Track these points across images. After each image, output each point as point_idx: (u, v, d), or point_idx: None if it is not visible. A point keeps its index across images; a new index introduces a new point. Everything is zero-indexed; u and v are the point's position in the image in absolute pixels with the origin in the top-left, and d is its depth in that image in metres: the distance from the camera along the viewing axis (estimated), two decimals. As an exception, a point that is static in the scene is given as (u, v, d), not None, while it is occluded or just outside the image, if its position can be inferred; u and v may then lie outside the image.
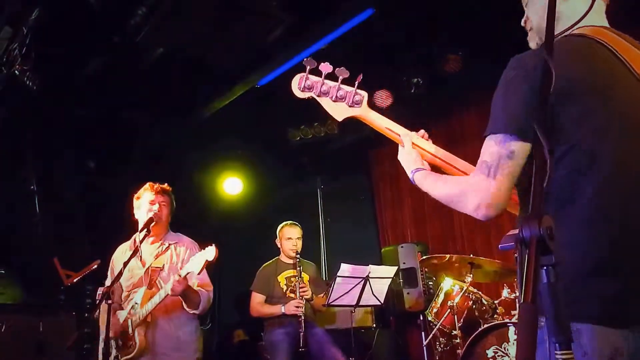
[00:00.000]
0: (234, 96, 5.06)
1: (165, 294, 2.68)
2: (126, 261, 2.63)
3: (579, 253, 1.12)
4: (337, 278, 3.80)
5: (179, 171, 5.75)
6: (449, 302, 3.61)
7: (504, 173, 1.19)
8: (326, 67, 1.63)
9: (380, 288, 3.98)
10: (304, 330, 3.76)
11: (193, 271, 2.65)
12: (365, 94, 1.68)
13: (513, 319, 3.20)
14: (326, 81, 1.67)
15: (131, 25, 3.90)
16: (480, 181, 1.23)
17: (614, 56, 1.23)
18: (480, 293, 3.67)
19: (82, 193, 5.47)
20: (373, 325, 4.73)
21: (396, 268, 4.27)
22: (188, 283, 2.72)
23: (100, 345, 2.83)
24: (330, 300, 3.81)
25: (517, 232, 0.79)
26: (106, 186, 5.35)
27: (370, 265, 3.90)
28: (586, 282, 1.10)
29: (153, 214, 2.89)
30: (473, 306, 3.59)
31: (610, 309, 1.09)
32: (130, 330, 2.78)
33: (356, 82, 1.65)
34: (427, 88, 4.84)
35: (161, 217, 2.97)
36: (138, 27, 3.90)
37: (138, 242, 2.82)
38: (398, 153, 1.64)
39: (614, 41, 1.26)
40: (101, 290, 2.60)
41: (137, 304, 2.79)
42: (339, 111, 1.67)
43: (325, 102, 1.69)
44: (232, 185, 6.47)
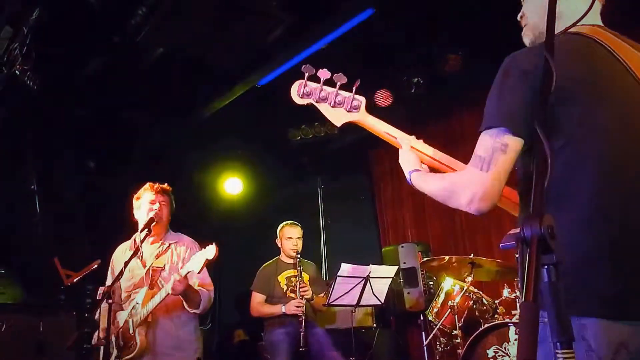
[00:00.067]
0: (234, 96, 5.06)
1: (165, 294, 2.68)
2: (127, 261, 2.63)
3: (579, 253, 1.12)
4: (338, 278, 3.80)
5: (179, 171, 5.75)
6: (450, 302, 3.61)
7: (498, 167, 1.20)
8: (324, 74, 1.64)
9: (380, 288, 3.98)
10: (305, 330, 3.76)
11: (193, 270, 2.65)
12: (363, 99, 1.70)
13: (514, 319, 3.20)
14: (324, 87, 1.69)
15: (131, 25, 3.91)
16: (473, 175, 1.24)
17: (612, 55, 1.24)
18: (480, 293, 3.67)
19: (82, 193, 5.47)
20: (373, 325, 4.73)
21: (397, 268, 4.27)
22: (189, 282, 2.72)
23: (94, 340, 2.83)
24: (330, 300, 3.81)
25: (518, 231, 0.79)
26: (106, 186, 5.35)
27: (370, 265, 3.90)
28: (586, 283, 1.10)
29: (154, 214, 2.89)
30: (474, 306, 3.59)
31: (611, 308, 1.08)
32: (131, 330, 2.78)
33: (354, 88, 1.67)
34: (427, 88, 4.84)
35: (162, 217, 2.97)
36: (138, 27, 3.91)
37: (139, 242, 2.82)
38: (399, 156, 1.65)
39: (611, 40, 1.27)
40: (102, 289, 2.60)
41: (139, 304, 2.79)
42: (338, 116, 1.69)
43: (324, 108, 1.70)
44: (232, 185, 6.47)
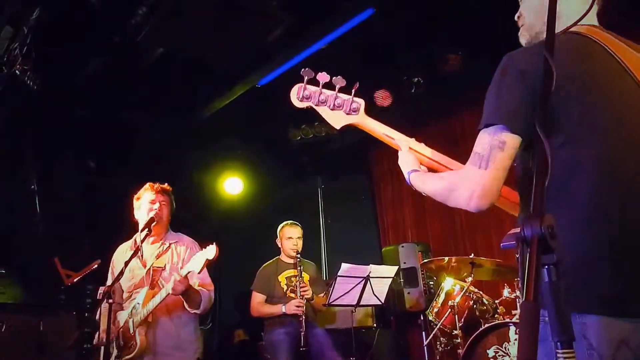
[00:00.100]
0: (234, 96, 5.06)
1: (166, 294, 2.68)
2: (127, 260, 2.63)
3: (579, 253, 1.11)
4: (338, 278, 3.79)
5: (179, 171, 5.75)
6: (450, 302, 3.60)
7: (496, 164, 1.20)
8: (323, 77, 1.67)
9: (380, 288, 3.98)
10: (305, 330, 3.76)
11: (194, 270, 2.65)
12: (362, 102, 1.71)
13: (514, 319, 3.20)
14: (324, 90, 1.71)
15: (131, 25, 3.91)
16: (472, 172, 1.24)
17: (609, 55, 1.25)
18: (481, 293, 3.67)
19: (82, 193, 5.48)
20: (374, 325, 4.72)
21: (397, 268, 4.27)
22: (189, 282, 2.72)
23: (95, 339, 2.83)
24: (330, 300, 3.81)
25: (519, 231, 0.79)
26: (106, 186, 5.36)
27: (370, 265, 3.89)
28: (586, 283, 1.10)
29: (154, 214, 2.90)
30: (474, 306, 3.59)
31: (611, 306, 1.08)
32: (131, 330, 2.78)
33: (353, 90, 1.69)
34: (427, 88, 4.84)
35: (162, 217, 2.97)
36: (138, 27, 3.91)
37: (139, 242, 2.82)
38: (398, 157, 1.66)
39: (608, 40, 1.28)
40: (102, 289, 2.60)
41: (139, 304, 2.79)
42: (337, 119, 1.71)
43: (323, 111, 1.72)
44: (232, 185, 6.47)
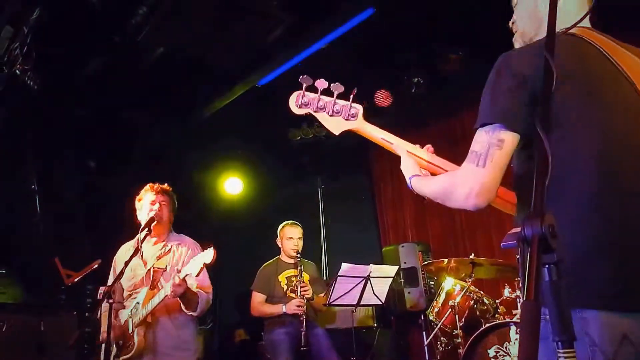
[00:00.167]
0: (234, 96, 5.06)
1: (165, 295, 2.69)
2: (127, 260, 2.63)
3: (579, 253, 1.12)
4: (338, 277, 3.79)
5: (179, 171, 5.75)
6: (450, 302, 3.60)
7: (494, 162, 1.20)
8: (322, 84, 1.69)
9: (381, 288, 3.98)
10: (305, 329, 3.76)
11: (191, 273, 2.66)
12: (360, 107, 1.73)
13: (514, 319, 3.20)
14: (322, 97, 1.73)
15: (131, 25, 3.91)
16: (469, 170, 1.24)
17: (604, 56, 1.26)
18: (481, 292, 3.67)
19: (82, 193, 5.48)
20: (374, 325, 4.72)
21: (397, 267, 4.27)
22: (187, 285, 2.72)
23: (100, 337, 2.84)
24: (331, 299, 3.81)
25: (519, 231, 0.79)
26: (106, 186, 5.36)
27: (371, 264, 3.89)
28: (586, 282, 1.10)
29: (154, 214, 2.90)
30: (474, 306, 3.59)
31: (612, 302, 1.08)
32: (130, 329, 2.78)
33: (351, 96, 1.71)
34: (427, 88, 4.84)
35: (162, 217, 2.97)
36: (138, 27, 3.91)
37: (139, 242, 2.82)
38: (401, 162, 1.67)
39: (602, 42, 1.30)
40: (102, 289, 2.60)
41: (139, 304, 2.79)
42: (336, 125, 1.74)
43: (322, 117, 1.74)
44: (232, 185, 6.47)
